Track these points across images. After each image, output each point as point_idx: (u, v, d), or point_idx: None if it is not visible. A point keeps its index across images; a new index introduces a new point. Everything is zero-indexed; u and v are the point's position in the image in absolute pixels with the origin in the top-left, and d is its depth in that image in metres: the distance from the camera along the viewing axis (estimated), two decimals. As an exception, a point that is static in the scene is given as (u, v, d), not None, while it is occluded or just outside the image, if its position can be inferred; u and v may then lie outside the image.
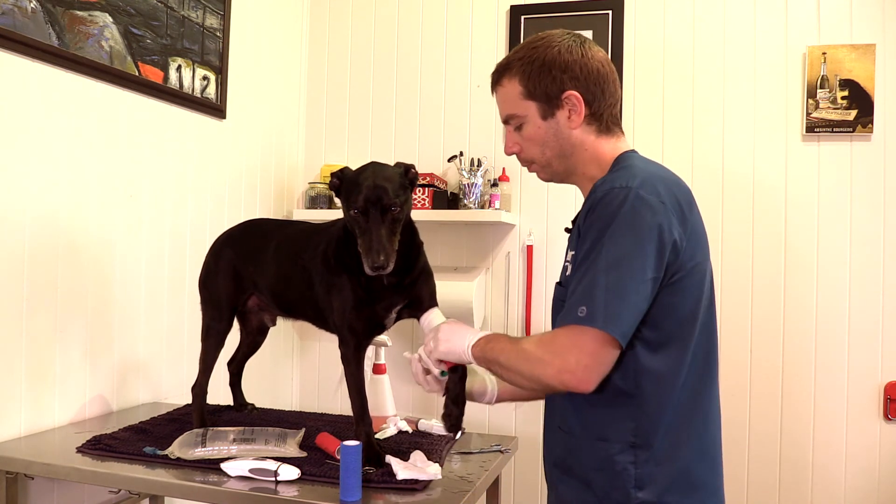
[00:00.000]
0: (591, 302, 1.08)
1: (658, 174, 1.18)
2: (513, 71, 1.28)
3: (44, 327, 1.77)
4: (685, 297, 1.15)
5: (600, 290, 1.08)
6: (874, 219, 2.42)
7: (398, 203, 1.37)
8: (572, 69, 1.23)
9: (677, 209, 1.14)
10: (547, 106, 1.25)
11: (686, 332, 1.16)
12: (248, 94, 2.60)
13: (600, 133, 1.27)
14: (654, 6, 2.63)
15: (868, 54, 2.40)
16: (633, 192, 1.11)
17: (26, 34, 1.68)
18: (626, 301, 1.08)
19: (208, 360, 1.76)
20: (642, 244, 1.09)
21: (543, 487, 2.68)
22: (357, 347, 1.51)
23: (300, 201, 2.95)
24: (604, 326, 1.07)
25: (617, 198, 1.11)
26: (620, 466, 1.15)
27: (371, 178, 1.37)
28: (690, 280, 1.15)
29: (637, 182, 1.12)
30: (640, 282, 1.09)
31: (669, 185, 1.17)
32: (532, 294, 2.71)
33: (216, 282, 1.76)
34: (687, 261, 1.14)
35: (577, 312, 1.09)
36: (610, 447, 1.17)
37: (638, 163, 1.22)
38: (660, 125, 2.60)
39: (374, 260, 1.33)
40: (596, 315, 1.07)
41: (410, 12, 2.89)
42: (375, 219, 1.36)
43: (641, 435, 1.15)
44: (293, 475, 1.36)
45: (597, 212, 1.13)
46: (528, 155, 1.32)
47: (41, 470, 1.53)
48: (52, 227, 1.79)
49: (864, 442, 2.41)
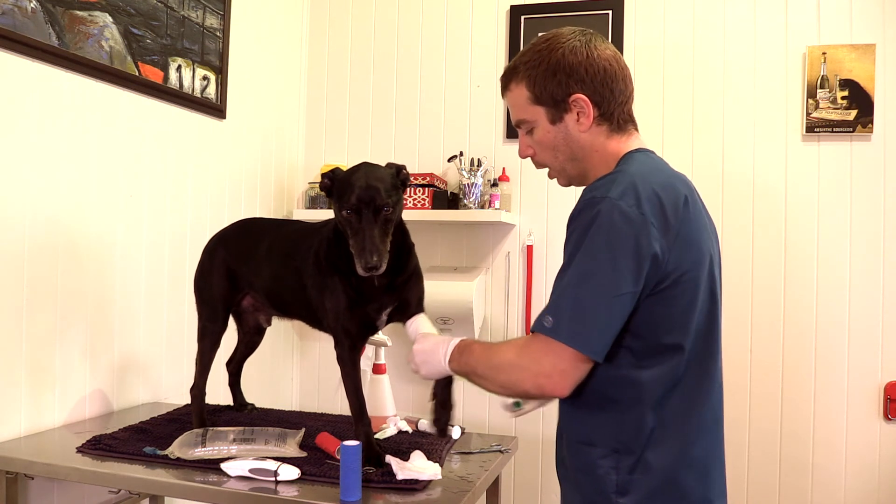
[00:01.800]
0: (557, 313, 1.09)
1: (645, 179, 1.13)
2: (519, 76, 1.26)
3: (44, 327, 1.77)
4: (673, 305, 1.12)
5: (567, 302, 1.09)
6: (874, 219, 2.42)
7: (390, 203, 1.37)
8: (577, 72, 1.20)
9: (659, 218, 1.10)
10: (555, 110, 1.23)
11: (677, 340, 1.14)
12: (248, 94, 2.60)
13: (612, 133, 1.24)
14: (654, 6, 2.63)
15: (868, 54, 2.40)
16: (611, 203, 1.08)
17: (26, 34, 1.68)
18: (594, 316, 1.08)
19: (205, 361, 1.76)
20: (616, 259, 1.07)
21: (543, 487, 2.69)
22: (352, 348, 1.51)
23: (300, 201, 2.95)
24: (568, 341, 1.08)
25: (593, 209, 1.10)
26: (603, 471, 1.15)
27: (363, 178, 1.37)
28: (678, 288, 1.12)
29: (618, 192, 1.10)
30: (612, 296, 1.07)
31: (657, 191, 1.12)
32: (532, 294, 2.71)
33: (210, 282, 1.76)
34: (672, 270, 1.11)
35: (544, 322, 1.10)
36: (593, 451, 1.16)
37: (632, 167, 1.17)
38: (660, 125, 2.60)
39: (367, 261, 1.33)
40: (560, 328, 1.08)
41: (410, 12, 2.89)
42: (368, 219, 1.35)
43: (624, 441, 1.14)
44: (293, 475, 1.36)
45: (577, 220, 1.12)
46: (541, 159, 1.30)
47: (41, 470, 1.53)
48: (52, 227, 1.79)
49: (864, 442, 2.41)
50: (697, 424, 1.18)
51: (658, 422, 1.14)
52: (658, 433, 1.14)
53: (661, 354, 1.13)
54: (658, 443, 1.14)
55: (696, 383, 1.17)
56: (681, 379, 1.14)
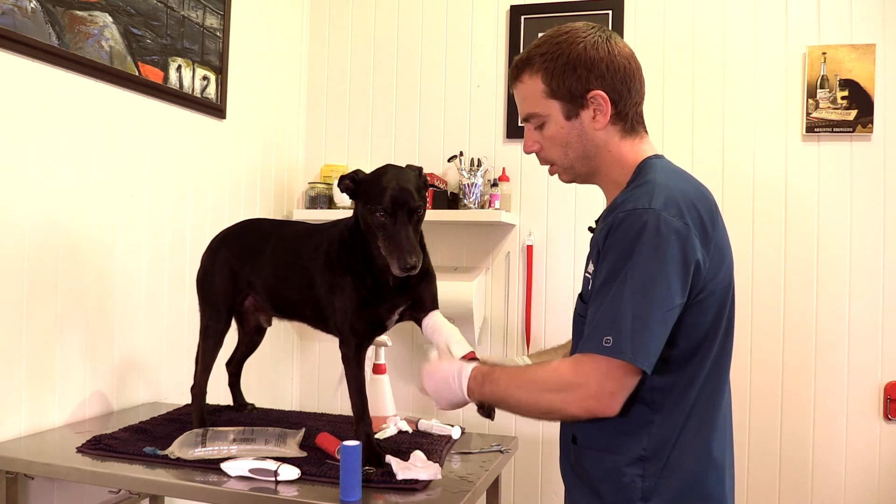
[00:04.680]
0: (617, 333, 1.05)
1: (681, 189, 1.13)
2: (535, 67, 1.20)
3: (44, 327, 1.77)
4: (706, 314, 1.12)
5: (626, 320, 1.05)
6: (874, 219, 2.42)
7: (422, 205, 1.40)
8: (598, 67, 1.17)
9: (700, 228, 1.09)
10: (571, 105, 1.19)
11: (704, 348, 1.14)
12: (248, 94, 2.60)
13: (625, 134, 1.22)
14: (654, 6, 2.63)
15: (868, 54, 2.40)
16: (657, 215, 1.06)
17: (26, 34, 1.68)
18: (652, 331, 1.05)
19: (206, 360, 1.76)
20: (667, 272, 1.05)
21: (543, 487, 2.68)
22: (358, 347, 1.51)
23: (300, 201, 2.95)
24: (632, 359, 1.05)
25: (639, 221, 1.07)
26: (628, 479, 1.14)
27: (394, 180, 1.38)
28: (713, 298, 1.12)
29: (660, 203, 1.08)
30: (667, 310, 1.06)
31: (693, 201, 1.12)
32: (532, 294, 2.71)
33: (213, 281, 1.76)
34: (709, 280, 1.11)
35: (603, 342, 1.05)
36: (618, 459, 1.15)
37: (661, 176, 1.15)
38: (660, 125, 2.60)
39: (405, 261, 1.34)
40: (622, 346, 1.04)
41: (410, 12, 2.89)
42: (403, 220, 1.37)
43: (651, 448, 1.13)
44: (293, 475, 1.36)
45: (618, 234, 1.09)
46: (548, 155, 1.26)
47: (41, 470, 1.53)
48: (52, 227, 1.79)
49: (864, 442, 2.41)
50: (713, 425, 1.18)
51: (682, 426, 1.13)
52: (682, 437, 1.13)
53: (690, 360, 1.13)
54: (682, 446, 1.13)
55: (714, 385, 1.17)
56: (704, 383, 1.15)
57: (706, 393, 1.16)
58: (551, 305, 2.70)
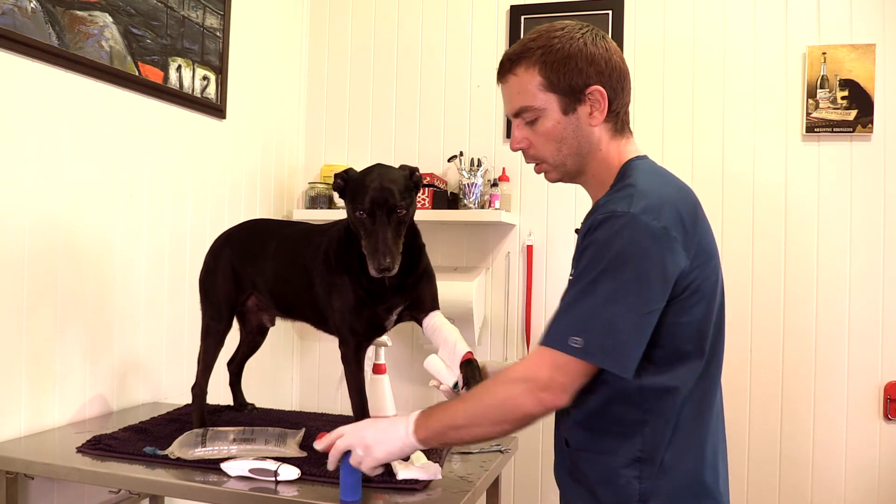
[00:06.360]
0: (587, 334, 1.05)
1: (662, 192, 1.12)
2: (531, 59, 1.18)
3: (44, 327, 1.77)
4: (693, 314, 1.12)
5: (597, 323, 1.05)
6: (874, 219, 2.42)
7: (404, 205, 1.38)
8: (598, 63, 1.16)
9: (681, 231, 1.08)
10: (569, 100, 1.17)
11: (695, 347, 1.14)
12: (248, 94, 2.60)
13: (615, 133, 1.21)
14: (654, 6, 2.63)
15: (868, 54, 2.40)
16: (635, 220, 1.05)
17: (26, 34, 1.68)
18: (624, 336, 1.05)
19: (207, 360, 1.76)
20: (644, 277, 1.05)
21: (543, 487, 2.68)
22: (357, 348, 1.51)
23: (300, 201, 2.95)
24: (601, 362, 1.06)
25: (617, 224, 1.06)
26: (625, 480, 1.14)
27: (377, 179, 1.37)
28: (698, 297, 1.12)
29: (640, 207, 1.06)
30: (642, 315, 1.05)
31: (674, 203, 1.11)
32: (532, 294, 2.71)
33: (215, 281, 1.76)
34: (693, 280, 1.10)
35: (570, 342, 1.05)
36: (615, 461, 1.15)
37: (642, 178, 1.14)
38: (660, 125, 2.60)
39: (379, 262, 1.33)
40: (590, 349, 1.05)
41: (410, 12, 2.89)
42: (381, 220, 1.36)
43: (647, 450, 1.13)
44: (293, 475, 1.36)
45: (596, 235, 1.08)
46: (539, 152, 1.23)
47: (41, 470, 1.53)
48: (52, 227, 1.79)
49: (864, 442, 2.41)
50: (707, 422, 1.18)
51: (676, 425, 1.13)
52: (676, 437, 1.13)
53: (680, 361, 1.13)
54: (677, 445, 1.13)
55: (706, 384, 1.17)
56: (696, 382, 1.15)
57: (699, 392, 1.16)
58: (551, 305, 2.70)
